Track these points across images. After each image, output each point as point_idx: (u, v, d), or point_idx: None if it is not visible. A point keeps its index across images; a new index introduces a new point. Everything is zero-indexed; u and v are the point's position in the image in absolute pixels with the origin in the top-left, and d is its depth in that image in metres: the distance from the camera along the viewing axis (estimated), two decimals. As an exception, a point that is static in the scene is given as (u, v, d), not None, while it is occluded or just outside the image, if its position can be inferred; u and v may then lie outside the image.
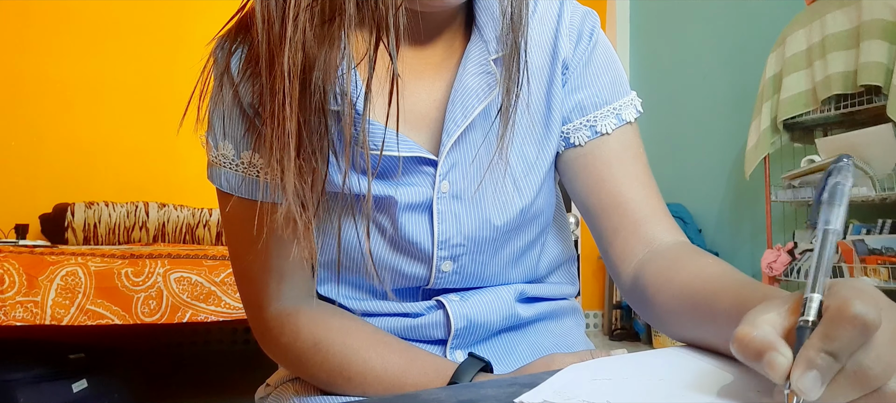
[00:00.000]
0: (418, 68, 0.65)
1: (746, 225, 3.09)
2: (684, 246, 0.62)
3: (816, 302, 0.34)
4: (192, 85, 0.65)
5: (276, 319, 0.66)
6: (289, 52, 0.51)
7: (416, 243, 0.64)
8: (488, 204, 0.64)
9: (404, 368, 0.61)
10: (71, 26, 2.94)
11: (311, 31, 0.52)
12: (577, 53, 0.67)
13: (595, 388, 0.41)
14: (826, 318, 0.33)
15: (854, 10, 2.24)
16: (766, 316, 0.35)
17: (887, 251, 2.13)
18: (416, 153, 0.62)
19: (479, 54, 0.64)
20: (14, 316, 1.77)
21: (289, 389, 0.72)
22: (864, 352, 0.32)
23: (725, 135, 3.19)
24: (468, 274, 0.67)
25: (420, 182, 0.63)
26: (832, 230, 0.38)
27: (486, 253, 0.66)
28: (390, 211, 0.63)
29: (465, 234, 0.64)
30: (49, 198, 2.83)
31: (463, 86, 0.63)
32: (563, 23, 0.67)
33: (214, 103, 0.64)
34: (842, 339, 0.31)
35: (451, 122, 0.62)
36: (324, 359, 0.63)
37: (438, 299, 0.67)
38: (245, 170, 0.63)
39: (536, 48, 0.67)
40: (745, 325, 0.35)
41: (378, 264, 0.65)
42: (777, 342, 0.33)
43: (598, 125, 0.66)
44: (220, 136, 0.63)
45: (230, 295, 2.04)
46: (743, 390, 0.40)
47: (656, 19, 3.74)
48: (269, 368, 0.79)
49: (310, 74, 0.52)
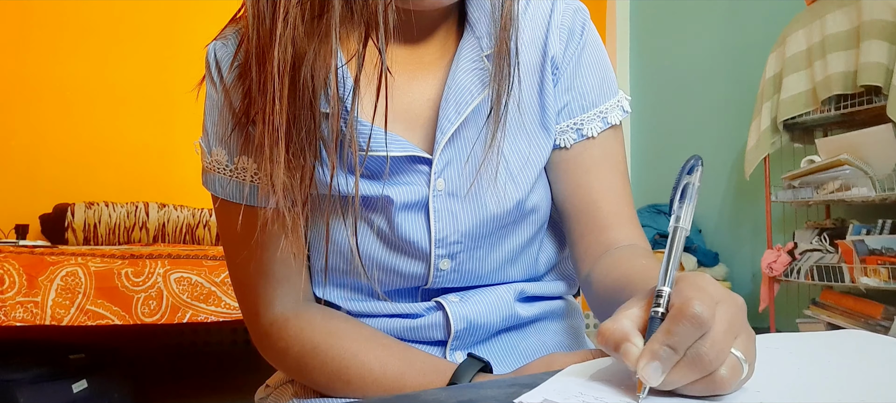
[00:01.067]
0: (411, 67, 0.65)
1: (746, 226, 3.09)
2: (634, 248, 0.64)
3: (665, 296, 0.40)
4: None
5: (272, 325, 0.66)
6: (279, 49, 0.52)
7: (413, 242, 0.64)
8: (484, 201, 0.64)
9: (402, 370, 0.61)
10: (71, 27, 2.94)
11: (302, 26, 0.52)
12: (567, 54, 0.68)
13: (594, 388, 0.41)
14: (669, 316, 0.37)
15: (854, 10, 2.24)
16: (630, 310, 0.41)
17: (887, 251, 2.13)
18: (409, 152, 0.62)
19: (472, 51, 0.64)
20: (14, 317, 1.77)
21: (288, 390, 0.72)
22: (700, 342, 0.36)
23: (725, 135, 3.19)
24: (466, 272, 0.67)
25: (415, 180, 0.63)
26: (681, 227, 0.43)
27: (483, 248, 0.66)
28: (386, 211, 0.63)
29: (462, 231, 0.64)
30: (49, 198, 2.83)
31: (456, 83, 0.63)
32: (555, 19, 0.67)
33: (209, 109, 0.64)
34: (681, 334, 0.36)
35: (444, 120, 0.62)
36: (321, 364, 0.63)
37: (437, 300, 0.67)
38: (238, 174, 0.63)
39: (528, 45, 0.67)
40: (609, 320, 0.40)
41: (375, 264, 0.65)
42: (632, 334, 0.39)
43: (585, 128, 0.68)
44: (213, 142, 0.64)
45: (230, 295, 2.04)
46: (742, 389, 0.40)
47: (656, 19, 3.74)
48: (268, 369, 0.79)
49: (299, 71, 0.53)
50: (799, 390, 0.40)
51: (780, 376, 0.43)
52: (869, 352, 0.52)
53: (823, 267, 2.31)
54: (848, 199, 2.26)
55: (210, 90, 0.64)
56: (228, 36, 0.64)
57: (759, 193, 2.83)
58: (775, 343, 0.53)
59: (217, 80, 0.63)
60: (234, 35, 0.64)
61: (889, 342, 0.53)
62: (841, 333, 0.59)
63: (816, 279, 2.33)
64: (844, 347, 0.53)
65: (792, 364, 0.47)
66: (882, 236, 2.17)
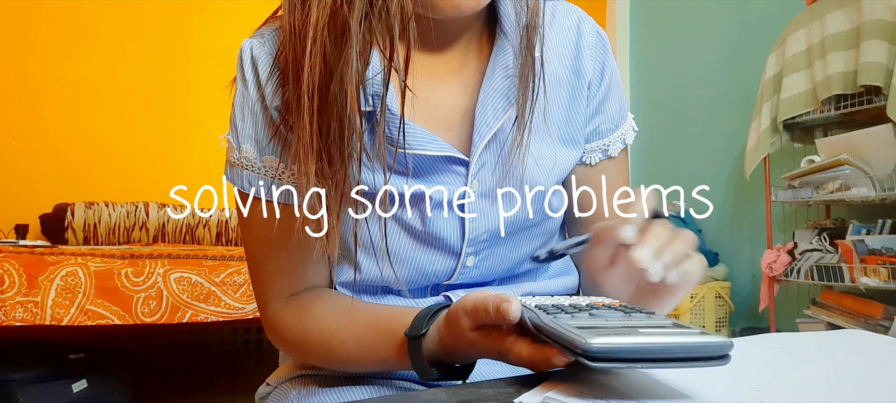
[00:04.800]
0: (438, 73, 0.67)
1: (746, 225, 3.09)
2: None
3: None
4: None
5: (276, 315, 0.68)
6: (308, 65, 0.55)
7: (445, 239, 0.66)
8: (512, 202, 0.67)
9: (374, 343, 0.63)
10: (71, 26, 2.94)
11: (330, 44, 0.55)
12: (603, 84, 0.74)
13: (595, 388, 0.41)
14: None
15: (854, 10, 2.24)
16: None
17: (887, 251, 2.13)
18: (447, 152, 0.64)
19: (507, 57, 0.66)
20: (14, 317, 1.77)
21: (289, 388, 0.72)
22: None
23: (725, 135, 3.18)
24: (487, 268, 0.70)
25: (451, 180, 0.65)
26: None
27: (506, 246, 0.69)
28: (421, 209, 0.65)
29: (492, 231, 0.67)
30: (49, 197, 2.83)
31: (493, 88, 0.65)
32: (585, 42, 0.72)
33: (239, 105, 0.65)
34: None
35: (482, 124, 0.65)
36: (312, 348, 0.66)
37: (446, 294, 0.69)
38: (268, 173, 0.64)
39: (555, 57, 0.70)
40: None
41: (399, 260, 0.67)
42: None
43: (610, 149, 0.75)
44: (242, 138, 0.65)
45: (230, 295, 2.04)
46: (741, 389, 0.40)
47: (656, 19, 3.74)
48: (269, 367, 0.79)
49: (328, 87, 0.56)
50: (799, 390, 0.40)
51: (780, 376, 0.43)
52: (869, 352, 0.52)
53: (823, 267, 2.31)
54: (848, 199, 2.26)
55: (241, 87, 0.65)
56: (266, 34, 0.65)
57: (759, 193, 2.83)
58: (775, 343, 0.53)
59: (251, 78, 0.64)
60: (271, 34, 0.64)
61: (889, 342, 0.54)
62: (841, 333, 0.59)
63: (816, 279, 2.33)
64: (844, 347, 0.53)
65: (792, 364, 0.47)
66: (882, 236, 2.17)
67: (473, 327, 0.52)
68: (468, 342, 0.52)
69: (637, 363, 0.38)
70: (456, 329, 0.53)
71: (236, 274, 2.07)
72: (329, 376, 0.70)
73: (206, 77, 2.82)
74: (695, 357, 0.38)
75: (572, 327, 0.39)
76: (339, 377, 0.70)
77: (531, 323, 0.45)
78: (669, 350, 0.37)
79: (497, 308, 0.47)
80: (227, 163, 0.67)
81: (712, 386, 0.41)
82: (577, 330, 0.39)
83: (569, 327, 0.40)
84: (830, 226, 2.44)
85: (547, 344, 0.44)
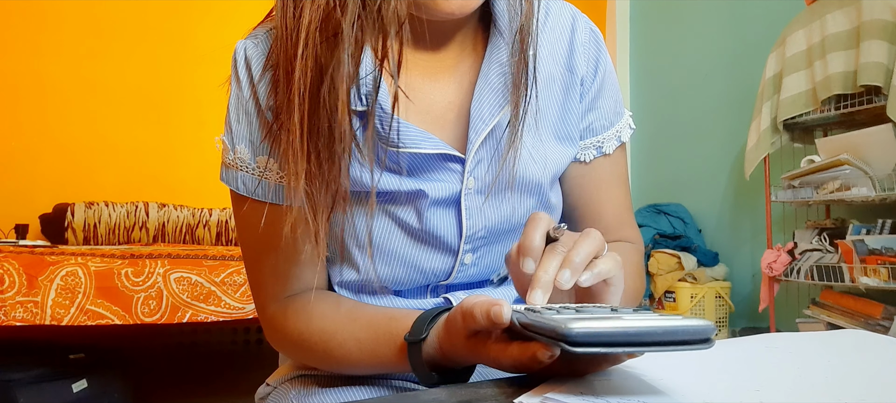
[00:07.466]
0: (432, 71, 0.67)
1: (746, 226, 3.09)
2: (623, 243, 0.74)
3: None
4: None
5: (274, 317, 0.68)
6: (300, 66, 0.54)
7: (442, 237, 0.66)
8: (509, 198, 0.67)
9: (373, 347, 0.62)
10: (71, 27, 2.94)
11: (322, 46, 0.55)
12: (596, 80, 0.73)
13: (595, 388, 0.41)
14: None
15: (854, 10, 2.24)
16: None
17: (887, 251, 2.13)
18: (442, 150, 0.64)
19: (500, 55, 0.66)
20: (14, 316, 1.77)
21: (289, 388, 0.72)
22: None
23: (725, 135, 3.19)
24: (485, 266, 0.70)
25: (447, 178, 0.65)
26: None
27: (503, 243, 0.69)
28: (418, 207, 0.65)
29: (488, 227, 0.67)
30: (49, 198, 2.83)
31: (489, 86, 0.65)
32: (578, 39, 0.72)
33: (234, 106, 0.65)
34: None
35: (478, 121, 0.64)
36: (311, 349, 0.65)
37: (445, 296, 0.69)
38: (261, 173, 0.64)
39: (549, 57, 0.70)
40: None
41: (398, 260, 0.67)
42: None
43: (604, 146, 0.74)
44: (237, 139, 0.65)
45: (230, 295, 2.04)
46: (741, 389, 0.40)
47: (656, 19, 3.74)
48: (269, 368, 0.79)
49: (319, 89, 0.55)
50: (799, 390, 0.40)
51: (780, 376, 0.43)
52: (869, 352, 0.52)
53: (823, 267, 2.31)
54: (848, 199, 2.26)
55: (235, 88, 0.65)
56: (259, 35, 0.65)
57: (759, 193, 2.83)
58: (775, 343, 0.53)
59: (245, 79, 0.64)
60: (265, 35, 0.65)
61: (889, 342, 0.54)
62: (841, 333, 0.59)
63: (816, 279, 2.33)
64: (844, 347, 0.53)
65: (792, 364, 0.47)
66: (882, 236, 2.17)
67: (468, 334, 0.52)
68: (465, 347, 0.53)
69: (620, 347, 0.38)
70: (454, 333, 0.53)
71: (236, 274, 2.07)
72: (329, 376, 0.70)
73: (206, 77, 2.81)
74: (677, 341, 0.38)
75: (556, 318, 0.40)
76: (338, 377, 0.70)
77: (519, 323, 0.45)
78: (651, 334, 0.38)
79: (486, 313, 0.47)
80: (222, 164, 0.67)
81: (712, 386, 0.41)
82: (560, 319, 0.39)
83: (553, 319, 0.40)
84: (830, 226, 2.44)
85: (533, 341, 0.44)
